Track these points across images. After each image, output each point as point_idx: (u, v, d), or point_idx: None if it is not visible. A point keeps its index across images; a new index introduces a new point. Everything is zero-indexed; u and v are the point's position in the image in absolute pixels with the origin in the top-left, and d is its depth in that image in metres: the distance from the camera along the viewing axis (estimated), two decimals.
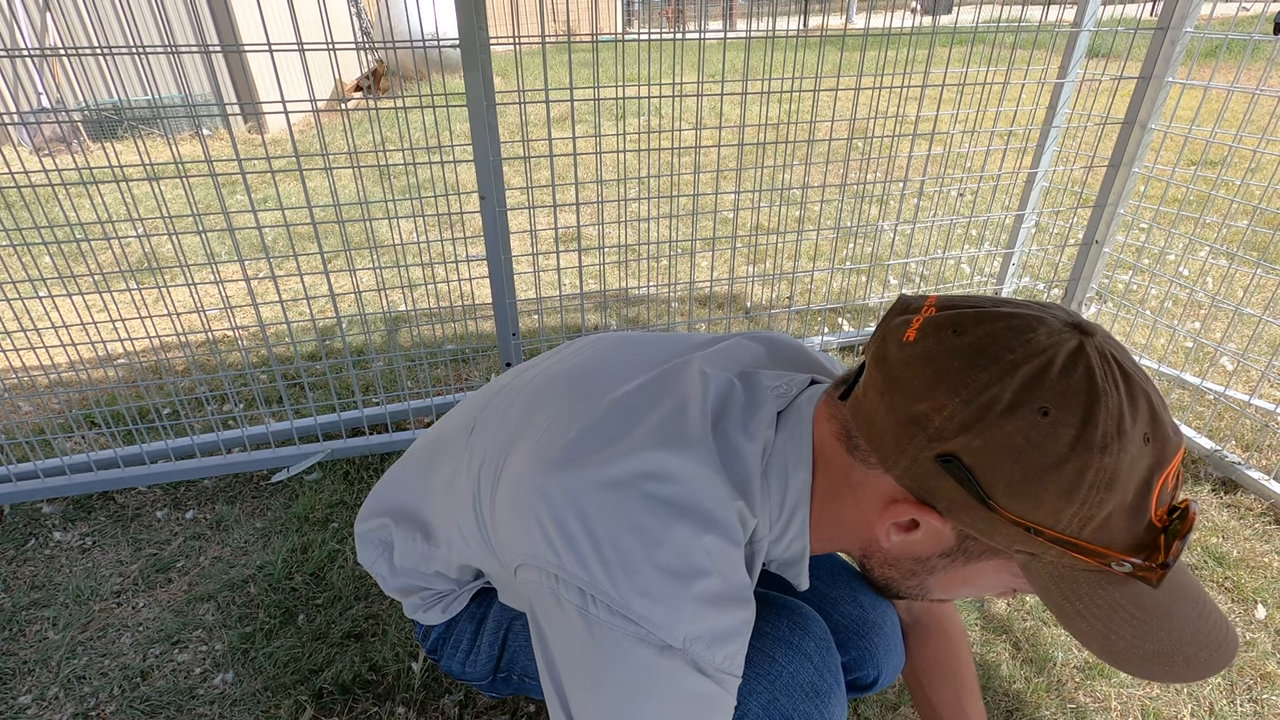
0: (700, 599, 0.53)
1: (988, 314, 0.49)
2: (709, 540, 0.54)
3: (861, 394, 0.54)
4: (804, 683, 0.68)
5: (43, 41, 4.67)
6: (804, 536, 0.61)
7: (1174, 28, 1.74)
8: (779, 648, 0.70)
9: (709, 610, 0.54)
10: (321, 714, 1.21)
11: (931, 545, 0.53)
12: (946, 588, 0.58)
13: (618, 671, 0.53)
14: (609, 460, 0.56)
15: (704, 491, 0.56)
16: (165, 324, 1.96)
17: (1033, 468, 0.45)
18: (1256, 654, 1.30)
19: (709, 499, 0.56)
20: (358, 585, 1.45)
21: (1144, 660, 0.48)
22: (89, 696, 1.25)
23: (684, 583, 0.53)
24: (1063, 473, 0.44)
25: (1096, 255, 2.06)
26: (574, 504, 0.55)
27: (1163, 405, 0.48)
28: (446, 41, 1.51)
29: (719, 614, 0.54)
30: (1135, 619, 0.48)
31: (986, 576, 0.54)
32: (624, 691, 0.53)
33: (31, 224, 1.54)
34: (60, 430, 1.84)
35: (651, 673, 0.52)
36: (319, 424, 1.84)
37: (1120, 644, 0.48)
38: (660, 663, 0.52)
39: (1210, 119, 4.02)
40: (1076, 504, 0.45)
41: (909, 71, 1.80)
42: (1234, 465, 1.71)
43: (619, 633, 0.52)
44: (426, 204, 2.85)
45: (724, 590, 0.55)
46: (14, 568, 1.51)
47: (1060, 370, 0.45)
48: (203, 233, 1.56)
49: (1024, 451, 0.45)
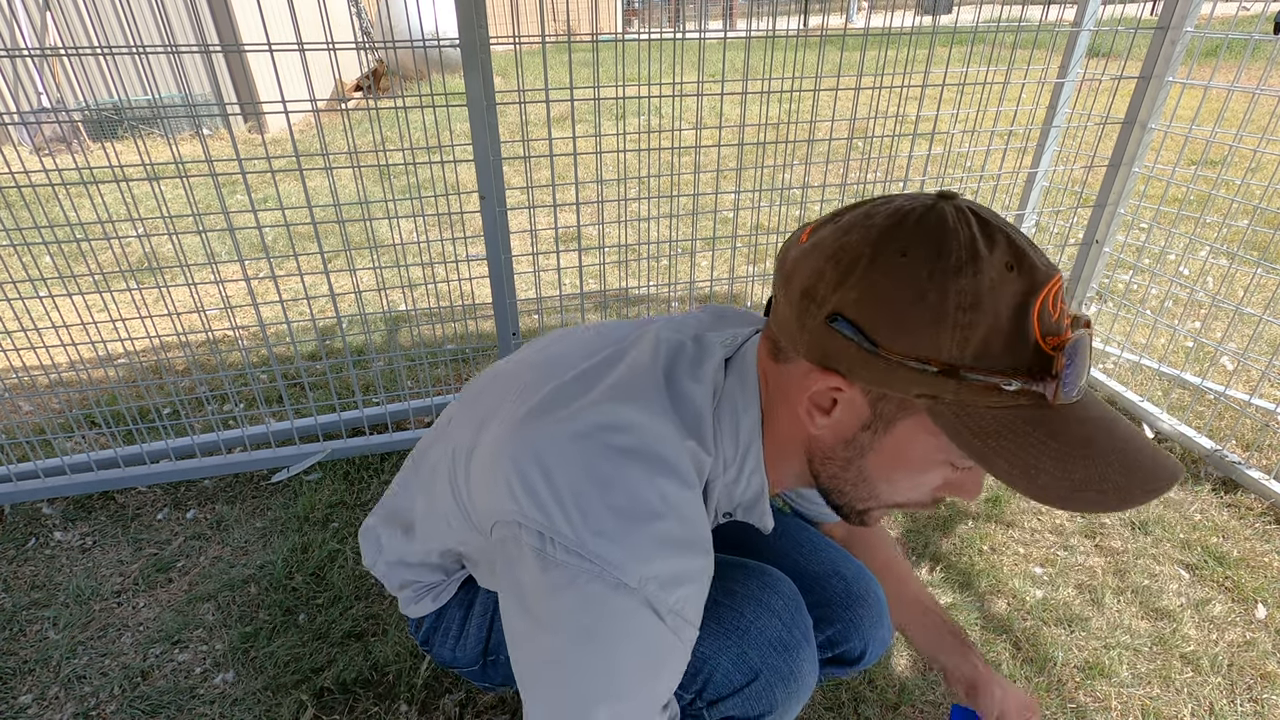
0: (655, 540, 0.55)
1: (865, 202, 0.55)
2: (663, 484, 0.57)
3: (775, 303, 0.60)
4: (772, 637, 0.72)
5: (43, 41, 4.67)
6: (760, 470, 0.63)
7: (1174, 27, 1.74)
8: (748, 604, 0.73)
9: (664, 552, 0.55)
10: (322, 713, 1.21)
11: (852, 419, 0.56)
12: (887, 475, 0.58)
13: (572, 609, 0.54)
14: (569, 417, 0.59)
15: (656, 436, 0.58)
16: (165, 324, 1.96)
17: (902, 303, 0.49)
18: (1256, 654, 1.30)
19: (661, 443, 0.58)
20: (358, 585, 1.45)
21: (1073, 492, 0.49)
22: (89, 696, 1.25)
23: (639, 524, 0.55)
24: (927, 301, 0.48)
25: (1096, 255, 2.06)
26: (536, 458, 0.57)
27: (1028, 244, 0.50)
28: (446, 41, 1.51)
29: (674, 557, 0.56)
30: (1052, 449, 0.49)
31: (912, 447, 0.55)
32: (579, 629, 0.54)
33: (31, 224, 1.54)
34: (60, 430, 1.84)
35: (606, 609, 0.54)
36: (319, 424, 1.84)
37: (1044, 478, 0.49)
38: (615, 599, 0.54)
39: (1210, 119, 4.03)
40: (948, 328, 0.48)
41: (909, 71, 1.79)
42: (1234, 465, 1.71)
43: (574, 570, 0.54)
44: (426, 204, 2.85)
45: (679, 534, 0.57)
46: (14, 568, 1.51)
47: (916, 220, 0.50)
48: (203, 233, 1.56)
49: (892, 291, 0.49)
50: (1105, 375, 2.09)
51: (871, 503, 0.62)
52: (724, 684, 0.72)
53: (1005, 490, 1.69)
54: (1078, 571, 1.49)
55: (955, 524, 1.60)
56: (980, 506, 1.65)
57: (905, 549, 1.54)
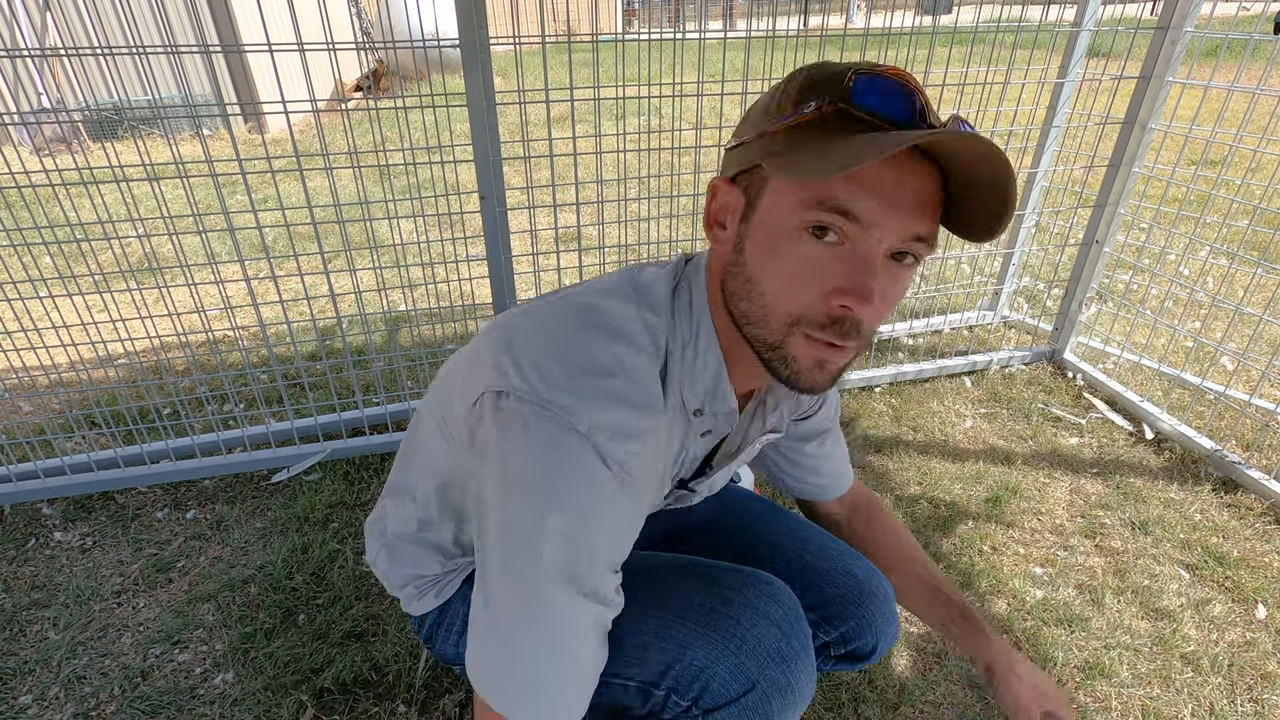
0: (606, 394, 0.60)
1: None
2: (618, 349, 0.63)
3: None
4: (770, 648, 0.72)
5: (43, 41, 4.68)
6: (714, 345, 0.67)
7: (1174, 27, 1.74)
8: (745, 613, 0.74)
9: (614, 405, 0.60)
10: (322, 714, 1.21)
11: (735, 218, 0.63)
12: (764, 265, 0.60)
13: (525, 449, 0.59)
14: (536, 310, 0.68)
15: (616, 313, 0.65)
16: (165, 324, 1.96)
17: (758, 109, 0.62)
18: (1257, 654, 1.30)
19: (621, 319, 0.65)
20: (358, 585, 1.45)
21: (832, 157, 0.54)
22: (89, 696, 1.25)
23: (591, 379, 0.60)
24: (771, 98, 0.61)
25: (1096, 255, 2.06)
26: (506, 342, 0.65)
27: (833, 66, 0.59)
28: (446, 41, 1.51)
29: (624, 411, 0.60)
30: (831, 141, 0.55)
31: (770, 216, 0.59)
32: (529, 470, 0.59)
33: (31, 224, 1.54)
34: (61, 430, 1.84)
35: (555, 451, 0.58)
36: (319, 424, 1.84)
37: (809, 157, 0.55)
38: (565, 441, 0.58)
39: (1210, 119, 4.03)
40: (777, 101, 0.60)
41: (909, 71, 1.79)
42: (1234, 465, 1.71)
43: (528, 413, 0.59)
44: (427, 204, 2.85)
45: (630, 392, 0.61)
46: (14, 568, 1.51)
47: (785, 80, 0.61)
48: (203, 233, 1.56)
49: (756, 107, 0.63)
50: (1105, 375, 2.09)
51: (773, 322, 0.60)
52: (720, 693, 0.72)
53: (1005, 490, 1.69)
54: (1078, 571, 1.49)
55: (955, 524, 1.60)
56: (980, 506, 1.65)
57: None
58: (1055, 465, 1.79)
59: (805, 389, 0.62)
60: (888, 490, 1.71)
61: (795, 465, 0.98)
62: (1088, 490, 1.71)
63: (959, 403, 2.05)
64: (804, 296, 0.58)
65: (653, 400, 0.63)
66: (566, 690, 0.63)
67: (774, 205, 0.59)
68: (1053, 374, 2.18)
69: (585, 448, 0.58)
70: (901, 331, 2.36)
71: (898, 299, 0.60)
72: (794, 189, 0.57)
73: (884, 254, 0.57)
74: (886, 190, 0.55)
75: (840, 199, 0.55)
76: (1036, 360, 2.23)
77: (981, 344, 2.33)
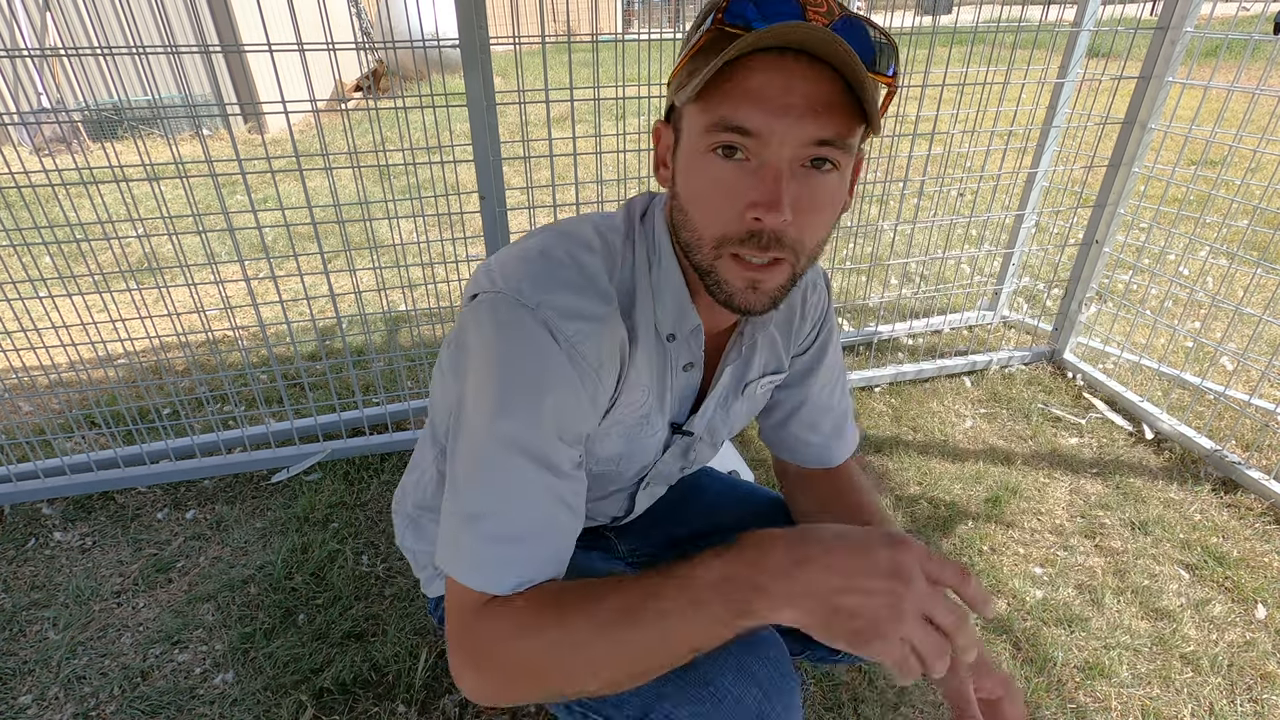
0: (557, 280, 0.65)
1: None
2: (573, 248, 0.68)
3: None
4: (750, 709, 0.66)
5: (43, 41, 4.68)
6: (674, 263, 0.70)
7: (1174, 27, 1.74)
8: (727, 668, 0.68)
9: (563, 288, 0.65)
10: (322, 714, 1.21)
11: (668, 148, 0.66)
12: (690, 190, 0.63)
13: (483, 331, 0.65)
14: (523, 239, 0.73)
15: (580, 229, 0.71)
16: (165, 324, 1.96)
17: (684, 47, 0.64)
18: (1256, 654, 1.30)
19: (581, 232, 0.71)
20: (358, 585, 1.45)
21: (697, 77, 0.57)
22: (89, 696, 1.25)
23: (545, 269, 0.66)
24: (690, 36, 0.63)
25: (1096, 255, 2.06)
26: (489, 263, 0.70)
27: None
28: (446, 41, 1.50)
29: (572, 294, 0.65)
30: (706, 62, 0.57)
31: (688, 141, 0.62)
32: (486, 346, 0.64)
33: (31, 224, 1.54)
34: (60, 430, 1.84)
35: (508, 324, 0.63)
36: (319, 424, 1.84)
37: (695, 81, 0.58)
38: (517, 314, 0.63)
39: (1210, 119, 4.02)
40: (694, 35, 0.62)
41: (909, 71, 1.79)
42: (1234, 465, 1.71)
43: (491, 301, 0.65)
44: (426, 204, 2.85)
45: (577, 280, 0.66)
46: (14, 568, 1.51)
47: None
48: (203, 233, 1.56)
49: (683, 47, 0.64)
50: (1105, 375, 2.09)
51: (704, 246, 0.63)
52: None
53: (1005, 490, 1.69)
54: (1078, 571, 1.49)
55: (955, 524, 1.60)
56: (980, 506, 1.65)
57: None
58: (1055, 465, 1.79)
59: (742, 309, 0.64)
60: (888, 490, 1.71)
61: (793, 419, 0.92)
62: (1087, 490, 1.71)
63: (959, 403, 2.05)
64: (723, 216, 0.60)
65: (601, 290, 0.67)
66: (514, 555, 0.62)
67: (689, 134, 0.61)
68: (1053, 374, 2.18)
69: (535, 322, 0.63)
70: (901, 331, 2.36)
71: (824, 208, 0.60)
72: (698, 115, 0.59)
73: (791, 162, 0.57)
74: (773, 98, 0.55)
75: (730, 116, 0.56)
76: (1036, 360, 2.23)
77: (981, 344, 2.33)
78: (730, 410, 0.85)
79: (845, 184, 0.62)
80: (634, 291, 0.71)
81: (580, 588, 0.61)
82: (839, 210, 0.63)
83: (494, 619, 0.61)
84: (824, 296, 0.87)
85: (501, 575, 0.62)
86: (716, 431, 0.86)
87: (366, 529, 1.59)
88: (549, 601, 0.61)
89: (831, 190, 0.60)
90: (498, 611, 0.61)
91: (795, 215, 0.58)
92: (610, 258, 0.70)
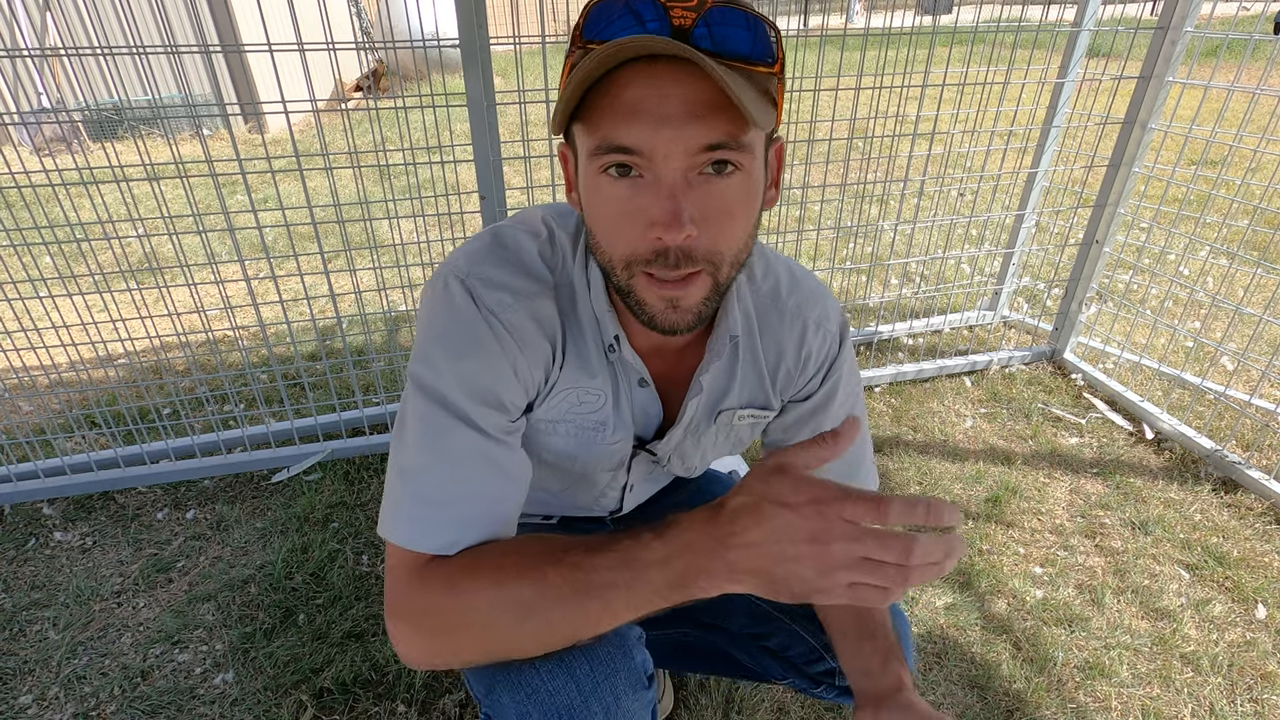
0: (490, 256, 0.69)
1: None
2: (517, 232, 0.72)
3: None
4: (561, 704, 0.66)
5: (43, 41, 4.68)
6: (599, 277, 0.70)
7: (1174, 27, 1.74)
8: (550, 663, 0.67)
9: (493, 262, 0.68)
10: (322, 713, 1.21)
11: (571, 170, 0.65)
12: (591, 209, 0.61)
13: (423, 296, 0.70)
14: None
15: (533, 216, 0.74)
16: (165, 324, 1.96)
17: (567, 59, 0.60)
18: (1256, 654, 1.30)
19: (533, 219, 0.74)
20: (358, 585, 1.45)
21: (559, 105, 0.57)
22: (89, 696, 1.25)
23: (486, 245, 0.70)
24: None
25: (1096, 255, 2.06)
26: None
27: None
28: (446, 41, 1.50)
29: (500, 268, 0.68)
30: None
31: (585, 171, 0.60)
32: (422, 315, 0.69)
33: (31, 224, 1.54)
34: (60, 430, 1.84)
35: (440, 293, 0.67)
36: (319, 424, 1.84)
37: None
38: (449, 284, 0.67)
39: (1210, 119, 4.02)
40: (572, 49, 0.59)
41: (909, 71, 1.79)
42: (1234, 465, 1.71)
43: (434, 279, 0.69)
44: (427, 204, 2.85)
45: (509, 257, 0.69)
46: (14, 568, 1.51)
47: None
48: (203, 233, 1.56)
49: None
50: (1105, 375, 2.09)
51: (616, 268, 0.61)
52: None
53: (1005, 490, 1.69)
54: (1078, 571, 1.49)
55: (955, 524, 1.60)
56: (980, 506, 1.65)
57: None
58: (1055, 465, 1.79)
59: (666, 329, 0.62)
60: (888, 490, 1.71)
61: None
62: (1088, 490, 1.71)
63: (959, 402, 2.05)
64: (626, 238, 0.59)
65: (532, 272, 0.69)
66: (442, 515, 0.63)
67: (582, 157, 0.59)
68: (1053, 374, 2.18)
69: (462, 290, 0.66)
70: (901, 331, 2.36)
71: (734, 213, 0.58)
72: (585, 137, 0.57)
73: (687, 172, 0.55)
74: (649, 110, 0.53)
75: (611, 136, 0.54)
76: (1036, 360, 2.23)
77: (981, 344, 2.33)
78: (702, 438, 0.82)
79: (755, 182, 0.59)
80: (573, 285, 0.71)
81: (519, 552, 0.61)
82: (755, 211, 0.61)
83: (428, 578, 0.62)
84: (831, 340, 0.80)
85: (429, 533, 0.62)
86: (688, 457, 0.84)
87: (366, 529, 1.59)
88: (486, 564, 0.61)
89: (738, 193, 0.57)
90: (434, 571, 0.62)
91: (702, 226, 0.56)
92: (552, 247, 0.71)
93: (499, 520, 0.66)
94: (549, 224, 0.73)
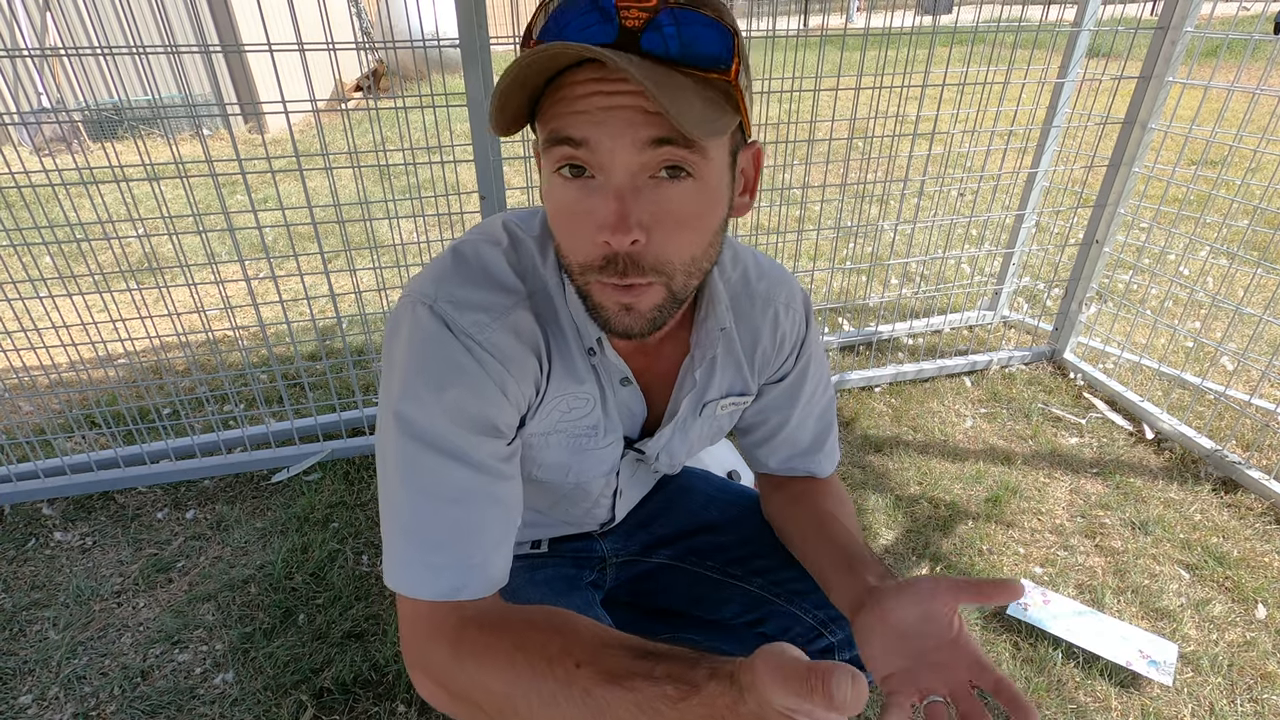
0: (456, 275, 0.66)
1: None
2: (478, 243, 0.69)
3: None
4: None
5: (43, 41, 4.67)
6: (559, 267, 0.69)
7: (1174, 27, 1.74)
8: None
9: (460, 281, 0.65)
10: (322, 713, 1.21)
11: (537, 160, 0.62)
12: (552, 213, 0.60)
13: (390, 326, 0.67)
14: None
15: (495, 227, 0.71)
16: (165, 324, 1.96)
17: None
18: (1256, 654, 1.30)
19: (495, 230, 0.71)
20: (358, 585, 1.45)
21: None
22: (89, 696, 1.25)
23: (448, 263, 0.67)
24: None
25: (1096, 255, 2.06)
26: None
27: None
28: (446, 41, 1.51)
29: (468, 287, 0.65)
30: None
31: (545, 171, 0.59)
32: (391, 348, 0.66)
33: (31, 224, 1.54)
34: (60, 430, 1.84)
35: (408, 322, 0.64)
36: (319, 424, 1.84)
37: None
38: (416, 311, 0.64)
39: (1210, 119, 4.02)
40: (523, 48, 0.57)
41: (909, 71, 1.79)
42: (1234, 465, 1.71)
43: (400, 300, 0.67)
44: (427, 204, 2.85)
45: (479, 274, 0.66)
46: (14, 568, 1.51)
47: None
48: (203, 233, 1.56)
49: None
50: (1106, 375, 2.09)
51: (574, 273, 0.61)
52: None
53: (1005, 490, 1.69)
54: (1078, 571, 1.49)
55: (955, 524, 1.60)
56: (980, 506, 1.65)
57: (906, 549, 1.54)
58: (1055, 465, 1.79)
59: (622, 333, 0.61)
60: (888, 490, 1.71)
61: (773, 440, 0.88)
62: (1088, 490, 1.71)
63: (959, 402, 2.05)
64: (578, 241, 0.58)
65: (502, 283, 0.66)
66: (438, 559, 0.61)
67: (542, 157, 0.58)
68: (1053, 374, 2.18)
69: (432, 317, 0.63)
70: (901, 331, 2.36)
71: (686, 220, 0.56)
72: (540, 134, 0.57)
73: (637, 175, 0.54)
74: (596, 104, 0.52)
75: (559, 128, 0.54)
76: (1036, 360, 2.23)
77: (981, 344, 2.33)
78: (689, 433, 0.82)
79: (714, 189, 0.57)
80: (548, 289, 0.69)
81: (539, 643, 0.58)
82: (714, 219, 0.59)
83: (434, 637, 0.61)
84: (799, 320, 0.82)
85: (430, 581, 0.61)
86: (675, 453, 0.84)
87: (366, 529, 1.59)
88: (506, 644, 0.59)
89: (691, 199, 0.56)
90: (442, 626, 0.61)
91: (651, 232, 0.55)
92: (517, 252, 0.69)
93: (499, 559, 0.65)
94: (510, 229, 0.70)
